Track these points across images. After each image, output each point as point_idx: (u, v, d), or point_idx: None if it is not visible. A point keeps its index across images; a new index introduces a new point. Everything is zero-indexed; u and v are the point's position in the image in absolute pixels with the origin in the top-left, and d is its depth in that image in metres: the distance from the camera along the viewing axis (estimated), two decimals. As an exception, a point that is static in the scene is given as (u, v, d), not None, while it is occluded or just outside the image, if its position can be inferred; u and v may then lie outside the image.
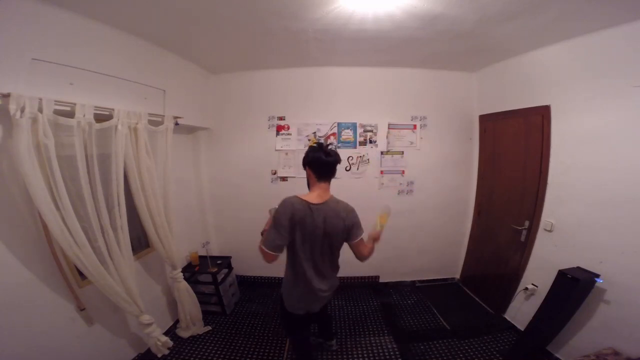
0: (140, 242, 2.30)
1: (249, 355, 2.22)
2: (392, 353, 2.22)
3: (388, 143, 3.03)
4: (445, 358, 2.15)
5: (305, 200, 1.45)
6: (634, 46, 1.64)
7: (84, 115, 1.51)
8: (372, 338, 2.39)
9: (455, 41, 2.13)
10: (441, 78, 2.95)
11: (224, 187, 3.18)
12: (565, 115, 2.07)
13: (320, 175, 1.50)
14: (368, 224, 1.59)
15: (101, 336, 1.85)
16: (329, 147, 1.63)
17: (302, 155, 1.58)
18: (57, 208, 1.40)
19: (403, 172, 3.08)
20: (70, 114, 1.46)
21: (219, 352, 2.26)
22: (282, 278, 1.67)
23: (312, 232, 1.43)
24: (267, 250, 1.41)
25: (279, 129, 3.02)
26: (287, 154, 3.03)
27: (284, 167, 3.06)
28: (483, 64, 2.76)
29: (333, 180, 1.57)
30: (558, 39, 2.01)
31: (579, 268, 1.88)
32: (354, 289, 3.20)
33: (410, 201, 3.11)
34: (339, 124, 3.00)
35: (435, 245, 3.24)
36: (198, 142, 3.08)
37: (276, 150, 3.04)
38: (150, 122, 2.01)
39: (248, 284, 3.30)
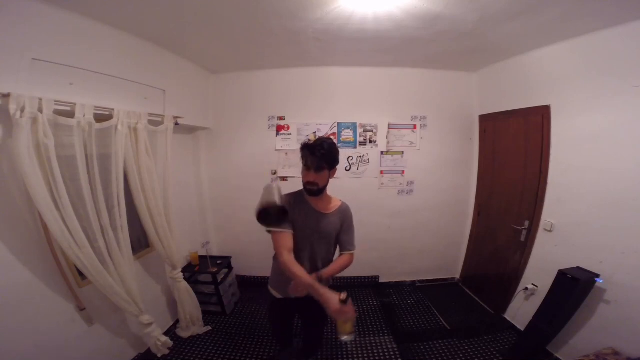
0: (140, 242, 2.30)
1: (249, 355, 2.22)
2: (392, 353, 2.22)
3: (388, 143, 3.03)
4: (445, 358, 2.15)
5: None
6: (634, 46, 1.64)
7: (84, 115, 1.52)
8: (372, 338, 2.39)
9: (455, 41, 2.13)
10: (441, 78, 2.95)
11: (224, 187, 3.18)
12: (565, 115, 2.07)
13: None
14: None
15: (101, 336, 1.85)
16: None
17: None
18: (57, 208, 1.40)
19: (403, 172, 3.08)
20: (70, 114, 1.46)
21: (219, 352, 2.26)
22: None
23: None
24: None
25: (279, 129, 3.02)
26: (287, 154, 3.03)
27: (284, 167, 3.06)
28: (483, 64, 2.76)
29: (332, 180, 1.55)
30: (558, 39, 2.01)
31: (579, 268, 1.88)
32: (354, 289, 3.20)
33: (410, 201, 3.11)
34: (339, 124, 3.00)
35: (435, 245, 3.24)
36: (198, 142, 3.08)
37: (276, 150, 3.04)
38: (150, 122, 2.01)
39: (248, 284, 3.30)
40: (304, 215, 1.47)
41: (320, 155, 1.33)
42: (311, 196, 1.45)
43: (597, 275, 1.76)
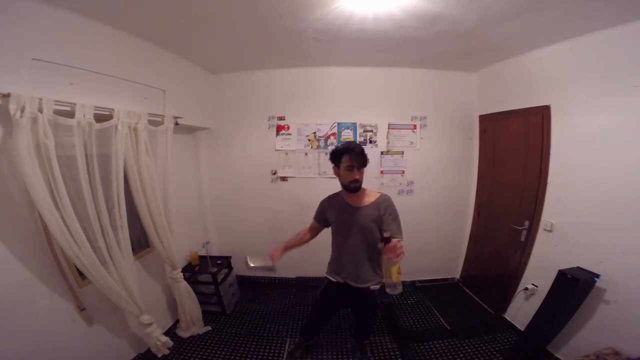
0: (140, 242, 2.30)
1: (249, 355, 2.22)
2: (392, 353, 2.22)
3: (388, 143, 3.02)
4: (445, 358, 2.15)
5: None
6: (634, 46, 1.64)
7: (84, 115, 1.52)
8: (372, 338, 2.39)
9: (455, 41, 2.13)
10: (441, 78, 2.95)
11: (224, 187, 3.18)
12: (565, 115, 2.07)
13: None
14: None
15: (101, 336, 1.85)
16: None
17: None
18: (57, 208, 1.40)
19: (403, 172, 3.08)
20: (70, 114, 1.46)
21: (219, 352, 2.26)
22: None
23: None
24: None
25: (279, 129, 3.02)
26: (287, 154, 3.03)
27: (284, 167, 3.05)
28: (483, 64, 2.76)
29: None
30: (558, 39, 2.01)
31: (579, 268, 1.87)
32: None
33: (410, 201, 3.11)
34: (339, 124, 3.00)
35: (435, 245, 3.24)
36: (198, 142, 3.08)
37: (276, 150, 3.04)
38: (150, 122, 2.01)
39: (248, 284, 3.29)
40: (337, 211, 1.71)
41: (361, 155, 1.58)
42: (354, 193, 1.64)
43: (597, 275, 1.76)
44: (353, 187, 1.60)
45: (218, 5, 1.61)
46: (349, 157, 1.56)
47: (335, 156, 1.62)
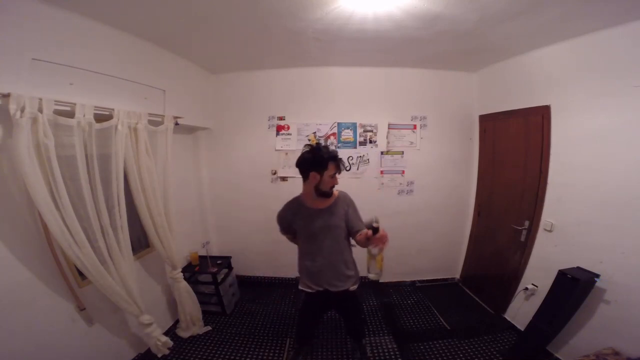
0: (140, 242, 2.30)
1: (249, 355, 2.22)
2: (392, 353, 2.22)
3: (388, 143, 3.03)
4: (445, 358, 2.15)
5: None
6: (634, 46, 1.64)
7: (84, 115, 1.52)
8: (372, 338, 2.39)
9: (455, 41, 2.13)
10: (441, 78, 2.95)
11: (224, 187, 3.18)
12: (565, 115, 2.07)
13: None
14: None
15: (101, 336, 1.85)
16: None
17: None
18: (57, 208, 1.40)
19: (403, 172, 3.08)
20: (70, 114, 1.46)
21: (219, 352, 2.26)
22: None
23: None
24: None
25: (279, 129, 3.02)
26: (287, 154, 3.03)
27: (284, 167, 3.06)
28: (483, 64, 2.76)
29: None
30: (558, 39, 2.01)
31: (579, 268, 1.87)
32: (354, 289, 3.20)
33: (410, 201, 3.11)
34: (339, 124, 3.00)
35: (435, 245, 3.24)
36: (198, 142, 3.08)
37: (276, 150, 3.04)
38: (150, 122, 2.01)
39: (248, 284, 3.29)
40: (303, 217, 1.65)
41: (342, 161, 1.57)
42: (327, 198, 1.60)
43: (597, 275, 1.76)
44: (330, 193, 1.59)
45: (218, 5, 1.61)
46: (335, 164, 1.53)
47: (321, 163, 1.52)
